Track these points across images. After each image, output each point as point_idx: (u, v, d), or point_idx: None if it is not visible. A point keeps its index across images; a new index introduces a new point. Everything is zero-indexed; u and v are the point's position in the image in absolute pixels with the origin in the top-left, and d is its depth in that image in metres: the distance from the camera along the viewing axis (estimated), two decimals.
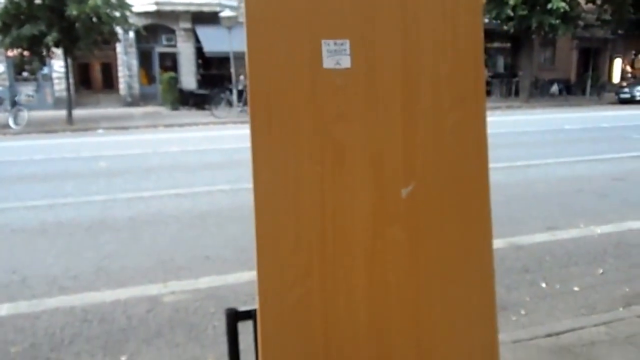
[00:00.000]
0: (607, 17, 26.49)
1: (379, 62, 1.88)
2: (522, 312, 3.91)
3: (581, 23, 25.60)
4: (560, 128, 14.36)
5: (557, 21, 23.41)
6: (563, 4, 22.71)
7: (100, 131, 16.38)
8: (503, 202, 6.59)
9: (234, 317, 1.96)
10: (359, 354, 1.90)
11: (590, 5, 25.96)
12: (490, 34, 24.94)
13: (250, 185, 1.66)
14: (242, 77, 25.47)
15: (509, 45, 29.30)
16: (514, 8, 23.23)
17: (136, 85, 26.01)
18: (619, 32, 29.11)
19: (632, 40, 31.40)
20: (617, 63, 33.51)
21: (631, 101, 25.04)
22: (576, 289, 4.30)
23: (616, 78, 33.21)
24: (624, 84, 29.97)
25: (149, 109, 24.43)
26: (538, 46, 27.86)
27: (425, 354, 1.96)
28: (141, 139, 13.92)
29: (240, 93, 21.74)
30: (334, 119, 1.86)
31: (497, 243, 5.04)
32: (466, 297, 1.99)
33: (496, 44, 28.92)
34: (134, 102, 25.50)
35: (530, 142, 12.45)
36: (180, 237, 5.61)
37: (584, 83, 29.52)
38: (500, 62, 30.62)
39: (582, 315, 3.78)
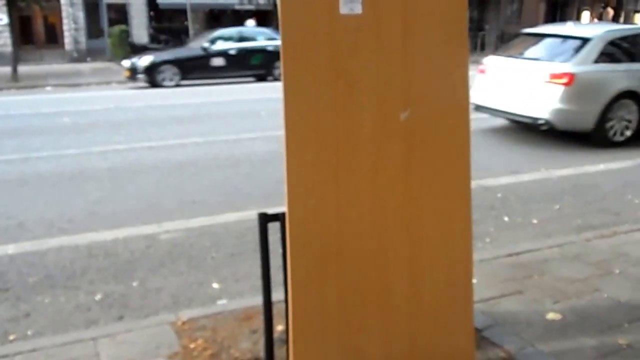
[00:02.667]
0: None
1: (384, 9, 2.47)
2: (487, 240, 4.63)
3: None
4: None
5: None
6: None
7: (48, 88, 16.42)
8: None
9: (265, 218, 2.55)
10: (363, 247, 2.53)
11: None
12: None
13: (224, 137, 2.14)
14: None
15: None
16: None
17: (83, 40, 25.76)
18: None
19: None
20: (585, 16, 34.66)
21: None
22: (535, 221, 5.05)
23: None
24: None
25: (98, 64, 24.27)
26: None
27: (416, 246, 2.61)
28: (98, 95, 14.14)
29: None
30: (347, 54, 2.45)
31: None
32: (449, 209, 2.65)
33: None
34: (80, 57, 25.28)
35: None
36: (163, 185, 6.15)
37: None
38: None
39: (539, 240, 4.52)
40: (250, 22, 25.18)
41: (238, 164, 6.97)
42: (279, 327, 3.09)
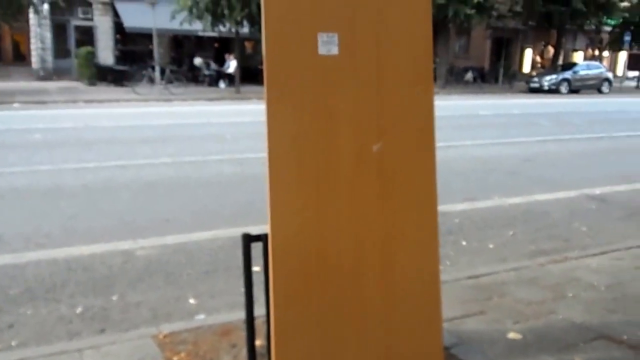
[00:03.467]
0: (519, 9, 28.44)
1: (358, 51, 2.62)
2: (448, 262, 4.79)
3: (494, 13, 27.37)
4: (476, 113, 15.68)
5: (473, 11, 24.99)
6: None
7: (16, 105, 16.10)
8: None
9: (248, 239, 2.63)
10: (340, 268, 2.63)
11: None
12: None
13: (192, 158, 2.21)
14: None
15: None
16: None
17: (49, 59, 25.36)
18: (530, 23, 31.26)
19: (541, 31, 33.79)
20: (528, 53, 35.96)
21: (540, 90, 27.18)
22: (491, 246, 5.24)
23: (526, 68, 35.65)
24: (534, 73, 32.34)
25: (64, 83, 23.91)
26: (454, 35, 29.42)
27: (388, 267, 2.72)
28: (67, 114, 13.95)
29: (163, 70, 21.80)
30: (327, 91, 2.58)
31: None
32: (418, 233, 2.78)
33: None
34: (47, 76, 24.85)
35: (449, 126, 13.59)
36: (136, 203, 6.13)
37: (497, 72, 31.56)
38: None
39: (496, 264, 4.70)
40: (198, 60, 25.36)
41: (207, 184, 7.00)
42: (257, 342, 3.14)
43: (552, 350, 3.19)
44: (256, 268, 4.37)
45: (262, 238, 2.62)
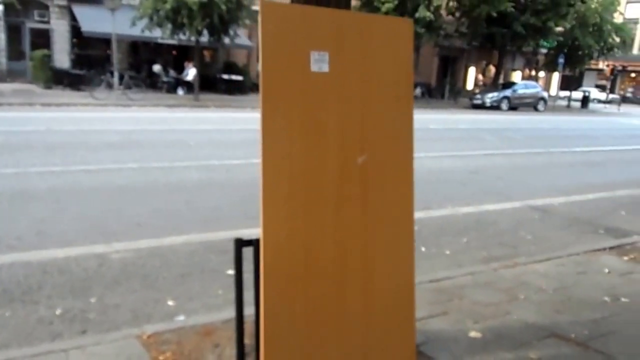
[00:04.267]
0: (464, 29, 29.35)
1: (345, 69, 2.74)
2: None
3: (442, 33, 28.11)
4: (427, 127, 16.03)
5: (422, 30, 25.59)
6: (429, 14, 24.92)
7: None
8: None
9: (240, 243, 2.69)
10: (325, 271, 2.73)
11: (450, 17, 28.60)
12: None
13: (158, 164, 2.25)
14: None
15: None
16: (385, 14, 25.04)
17: (3, 61, 24.47)
18: (474, 43, 32.18)
19: (484, 51, 34.81)
20: (471, 71, 37.00)
21: (482, 107, 27.98)
22: (447, 252, 5.44)
23: (470, 85, 36.65)
24: (477, 90, 33.29)
25: (18, 85, 23.08)
26: None
27: (369, 272, 2.84)
28: (26, 116, 13.52)
29: (122, 76, 21.40)
30: (317, 106, 2.68)
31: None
32: (396, 240, 2.92)
33: None
34: (0, 78, 23.97)
35: None
36: (106, 207, 6.06)
37: (443, 88, 32.34)
38: None
39: (454, 269, 4.89)
40: (157, 67, 25.03)
41: (176, 190, 6.98)
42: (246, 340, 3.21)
43: (509, 348, 3.38)
44: (230, 271, 4.44)
45: (253, 243, 2.69)
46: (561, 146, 14.47)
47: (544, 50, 35.25)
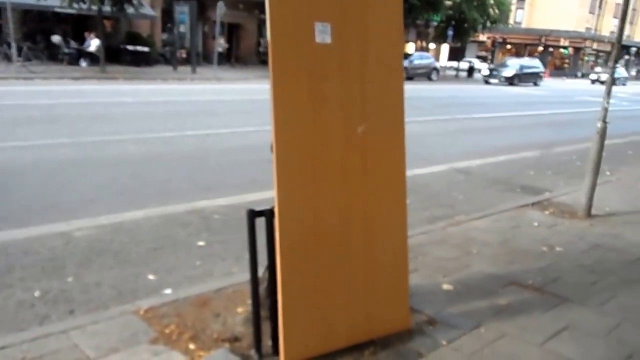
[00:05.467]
0: None
1: (347, 41, 2.72)
2: None
3: None
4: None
5: None
6: None
7: None
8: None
9: (253, 214, 2.64)
10: (332, 235, 2.76)
11: None
12: None
13: (91, 138, 2.09)
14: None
15: None
16: None
17: None
18: None
19: None
20: None
21: None
22: None
23: None
24: None
25: None
26: None
27: (370, 235, 2.90)
28: None
29: (20, 48, 19.73)
30: (321, 78, 2.67)
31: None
32: (392, 203, 2.99)
33: None
34: None
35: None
36: (51, 185, 5.67)
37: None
38: None
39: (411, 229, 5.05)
40: (56, 38, 23.27)
41: (118, 164, 6.63)
42: (239, 309, 3.18)
43: (480, 297, 3.59)
44: (201, 242, 4.35)
45: (265, 213, 2.65)
46: (464, 113, 15.15)
47: (434, 23, 36.47)
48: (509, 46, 52.01)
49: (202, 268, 3.97)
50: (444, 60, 40.81)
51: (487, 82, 32.62)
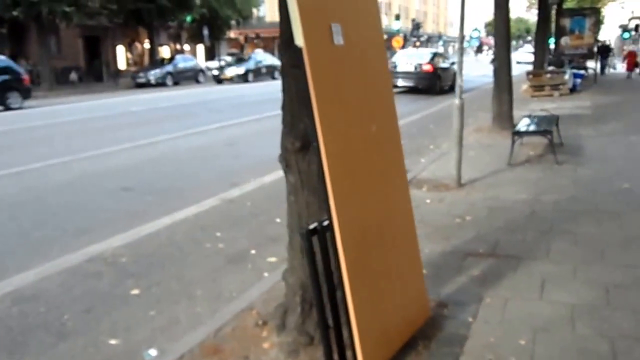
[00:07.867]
0: (111, 5, 27.79)
1: (353, 42, 2.83)
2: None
3: (87, 11, 26.27)
4: (128, 111, 15.33)
5: (71, 8, 23.72)
6: None
7: None
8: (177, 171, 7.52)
9: (309, 233, 2.59)
10: (373, 238, 2.84)
11: None
12: None
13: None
14: None
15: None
16: None
17: None
18: (116, 20, 30.86)
19: (129, 28, 34.07)
20: (120, 50, 35.88)
21: (147, 85, 27.54)
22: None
23: (121, 64, 35.57)
24: (132, 69, 32.64)
25: None
26: (41, 34, 26.46)
27: (396, 229, 3.06)
28: None
29: None
30: (340, 78, 2.73)
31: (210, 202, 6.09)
32: (402, 198, 3.18)
33: None
34: None
35: (126, 124, 13.13)
36: None
37: (95, 70, 30.74)
38: None
39: None
40: None
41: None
42: (264, 345, 3.05)
43: (454, 274, 3.97)
44: (134, 291, 3.99)
45: (318, 231, 2.63)
46: (262, 112, 15.33)
47: (187, 24, 36.40)
48: (256, 41, 54.18)
49: (163, 317, 3.66)
50: (202, 61, 41.04)
51: (219, 82, 30.59)
